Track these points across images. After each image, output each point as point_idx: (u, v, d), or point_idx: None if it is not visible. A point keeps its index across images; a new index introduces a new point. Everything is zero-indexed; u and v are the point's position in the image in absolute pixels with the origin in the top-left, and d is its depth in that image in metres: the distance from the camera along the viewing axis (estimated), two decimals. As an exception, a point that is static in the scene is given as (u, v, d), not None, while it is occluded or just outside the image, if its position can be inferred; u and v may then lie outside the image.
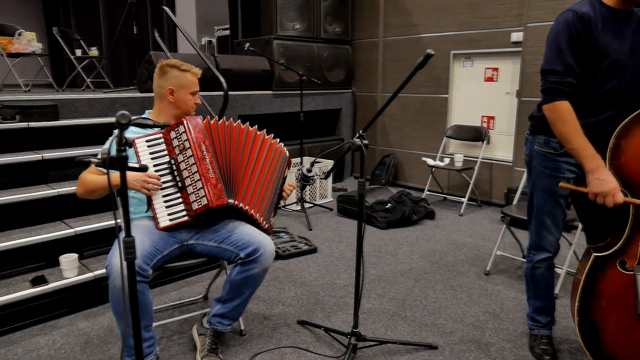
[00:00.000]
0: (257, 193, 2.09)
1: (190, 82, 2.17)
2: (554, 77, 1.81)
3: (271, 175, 2.17)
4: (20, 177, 2.98)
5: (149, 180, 1.89)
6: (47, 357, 2.18)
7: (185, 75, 2.15)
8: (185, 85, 2.14)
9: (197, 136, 1.98)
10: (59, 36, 5.65)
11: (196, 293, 2.82)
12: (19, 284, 2.48)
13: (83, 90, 5.28)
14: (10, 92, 4.49)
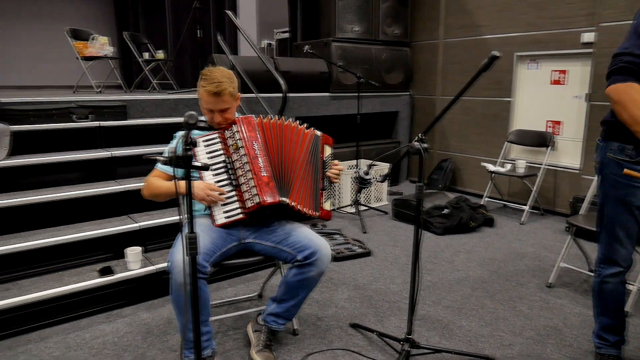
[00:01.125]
0: (302, 186, 2.09)
1: (202, 97, 2.03)
2: (629, 57, 1.69)
3: (307, 163, 2.13)
4: (92, 173, 3.17)
5: (211, 193, 1.95)
6: (112, 344, 2.30)
7: (200, 88, 2.02)
8: (201, 100, 2.06)
9: (249, 135, 2.02)
10: (129, 40, 5.95)
11: (251, 291, 2.88)
12: (88, 274, 2.63)
13: (149, 92, 5.53)
14: (84, 93, 4.78)
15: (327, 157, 2.22)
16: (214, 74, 2.00)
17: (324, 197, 2.18)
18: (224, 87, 1.98)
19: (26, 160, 2.89)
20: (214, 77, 1.98)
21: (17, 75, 7.67)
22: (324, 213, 2.17)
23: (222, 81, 1.99)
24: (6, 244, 2.52)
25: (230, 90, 2.02)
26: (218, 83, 1.97)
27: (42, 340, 2.33)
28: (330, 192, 2.27)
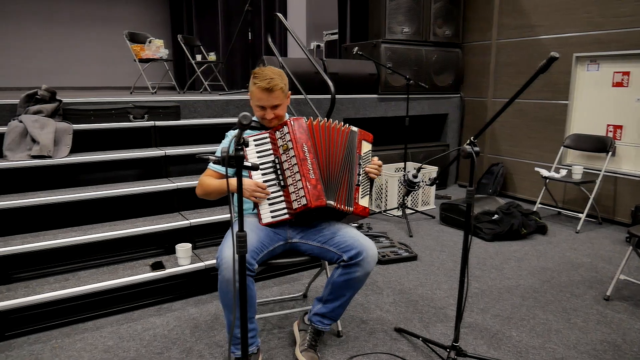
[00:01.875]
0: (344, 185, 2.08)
1: (253, 94, 2.06)
2: None
3: (344, 159, 2.11)
4: (146, 171, 3.29)
5: (258, 190, 1.98)
6: (162, 336, 2.37)
7: (252, 86, 2.06)
8: (252, 97, 2.09)
9: (300, 137, 2.03)
10: (182, 43, 6.14)
11: (296, 290, 2.90)
12: (140, 268, 2.73)
13: (201, 93, 5.69)
14: (140, 94, 4.97)
15: (365, 153, 2.18)
16: (266, 72, 2.05)
17: (359, 193, 2.12)
18: (275, 83, 2.02)
19: (86, 157, 3.04)
20: (266, 74, 2.03)
21: (79, 76, 8.09)
22: (359, 209, 2.11)
23: (273, 77, 2.03)
24: (67, 237, 2.65)
25: (281, 86, 2.06)
26: (270, 79, 2.02)
27: (97, 330, 2.44)
28: (368, 188, 2.21)
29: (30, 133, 2.95)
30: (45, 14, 7.83)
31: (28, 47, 7.72)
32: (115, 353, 2.23)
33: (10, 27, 7.56)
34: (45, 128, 2.99)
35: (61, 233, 2.73)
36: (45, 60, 7.86)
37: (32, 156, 2.91)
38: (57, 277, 2.62)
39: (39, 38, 7.81)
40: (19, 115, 3.09)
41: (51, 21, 7.90)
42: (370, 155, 2.21)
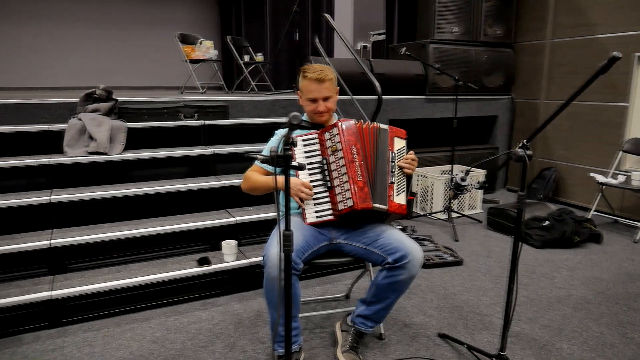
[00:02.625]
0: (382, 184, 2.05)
1: (304, 87, 2.10)
2: None
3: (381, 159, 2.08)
4: (195, 169, 3.38)
5: (303, 189, 1.99)
6: (206, 330, 2.43)
7: (302, 80, 2.11)
8: (303, 91, 2.13)
9: (349, 139, 2.03)
10: (231, 44, 6.27)
11: (338, 291, 2.90)
12: (187, 262, 2.81)
13: (248, 93, 5.78)
14: (190, 94, 5.11)
15: (398, 150, 2.12)
16: (315, 65, 2.12)
17: (393, 190, 2.06)
18: (326, 74, 2.07)
19: (139, 154, 3.16)
20: (316, 67, 2.09)
21: (133, 76, 8.40)
22: (395, 206, 2.04)
23: (323, 69, 2.08)
24: (120, 231, 2.76)
25: (331, 77, 2.10)
26: (320, 70, 2.07)
27: (145, 321, 2.53)
28: (404, 185, 2.15)
29: (88, 130, 3.09)
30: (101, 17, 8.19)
31: (86, 49, 8.10)
32: (163, 344, 2.30)
33: (70, 30, 7.96)
34: (101, 126, 3.13)
35: (114, 227, 2.84)
36: (102, 60, 8.22)
37: (89, 152, 3.05)
38: (109, 268, 2.73)
39: (97, 40, 8.17)
40: (78, 114, 3.25)
41: (107, 24, 8.26)
42: (404, 152, 2.15)
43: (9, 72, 7.61)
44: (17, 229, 2.75)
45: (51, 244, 2.59)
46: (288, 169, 1.31)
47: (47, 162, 2.92)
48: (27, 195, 2.79)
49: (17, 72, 7.66)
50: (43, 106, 3.32)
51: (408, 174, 2.12)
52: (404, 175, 2.13)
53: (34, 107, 3.29)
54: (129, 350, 2.25)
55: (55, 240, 2.60)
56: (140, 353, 2.22)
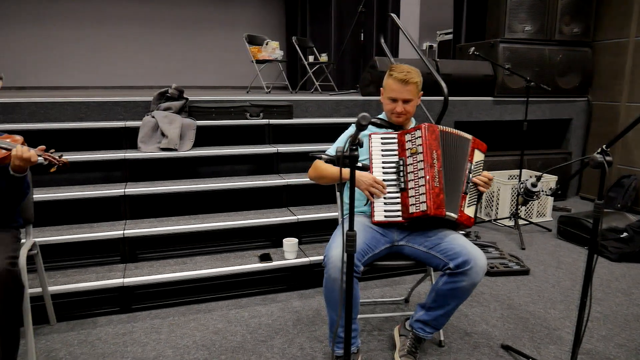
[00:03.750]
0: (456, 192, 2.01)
1: (388, 85, 2.10)
2: None
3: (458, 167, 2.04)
4: (259, 167, 3.46)
5: (375, 185, 1.97)
6: (266, 325, 2.48)
7: (387, 78, 2.11)
8: (386, 88, 2.12)
9: (431, 143, 1.99)
10: (296, 44, 6.36)
11: (398, 294, 2.86)
12: (249, 258, 2.88)
13: (312, 93, 5.84)
14: (255, 93, 5.24)
15: (476, 163, 2.09)
16: (403, 66, 2.10)
17: (465, 201, 2.03)
18: (411, 77, 2.05)
19: (207, 151, 3.28)
20: (404, 68, 2.08)
21: (203, 76, 8.74)
22: (464, 217, 2.02)
23: (410, 71, 2.07)
24: (187, 224, 2.88)
25: (416, 81, 2.08)
26: (407, 72, 2.06)
27: (208, 312, 2.62)
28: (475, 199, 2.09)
29: (160, 128, 3.24)
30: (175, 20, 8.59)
31: (160, 50, 8.52)
32: (224, 336, 2.37)
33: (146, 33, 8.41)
34: (173, 123, 3.27)
35: (182, 220, 2.97)
36: (174, 61, 8.62)
37: (161, 148, 3.20)
38: (176, 259, 2.85)
39: (170, 42, 8.58)
40: (152, 111, 3.42)
41: (180, 26, 8.64)
42: (482, 166, 2.11)
43: (93, 72, 8.16)
44: (95, 218, 2.94)
45: (124, 234, 2.74)
46: (354, 169, 1.31)
47: (122, 157, 3.10)
48: (104, 188, 2.97)
49: (98, 72, 8.20)
50: (120, 104, 3.52)
51: (481, 191, 2.09)
52: (477, 190, 2.09)
53: (112, 105, 3.50)
54: (192, 339, 2.34)
55: (128, 231, 2.75)
56: (203, 343, 2.30)
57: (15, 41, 7.75)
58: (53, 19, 7.92)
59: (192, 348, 2.26)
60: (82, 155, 3.03)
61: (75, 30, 8.05)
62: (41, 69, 7.89)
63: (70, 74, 8.07)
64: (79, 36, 8.07)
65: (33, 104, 3.35)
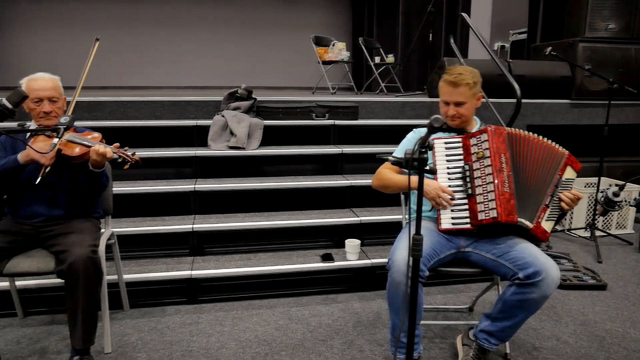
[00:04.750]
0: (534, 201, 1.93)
1: (440, 88, 2.06)
2: None
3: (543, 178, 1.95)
4: (323, 167, 3.49)
5: (441, 194, 1.93)
6: (326, 325, 2.49)
7: (441, 80, 2.07)
8: (439, 92, 2.08)
9: (498, 147, 1.92)
10: (363, 45, 6.34)
11: (461, 302, 2.77)
12: (311, 257, 2.90)
13: (377, 94, 5.80)
14: (321, 94, 5.28)
15: (566, 179, 1.99)
16: (456, 68, 2.05)
17: (544, 214, 1.93)
18: (462, 78, 1.99)
19: (273, 150, 3.34)
20: (456, 70, 2.03)
21: (270, 77, 8.95)
22: (540, 230, 1.92)
23: (462, 72, 2.01)
24: (252, 221, 2.95)
25: (468, 83, 2.00)
26: (458, 74, 2.00)
27: (270, 308, 2.67)
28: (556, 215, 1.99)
29: (229, 126, 3.35)
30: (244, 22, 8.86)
31: (230, 51, 8.82)
32: (285, 332, 2.40)
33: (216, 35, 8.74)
34: (241, 122, 3.37)
35: (247, 217, 3.04)
36: (243, 62, 8.88)
37: (229, 147, 3.30)
38: (241, 255, 2.93)
39: (239, 43, 8.86)
40: (221, 111, 3.54)
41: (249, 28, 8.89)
42: (571, 184, 2.01)
43: (167, 72, 8.58)
44: (166, 212, 3.08)
45: (193, 228, 2.86)
46: (422, 172, 1.28)
47: (193, 154, 3.23)
48: (176, 183, 3.11)
49: (173, 72, 8.61)
50: (192, 104, 3.68)
51: (564, 208, 1.98)
52: (559, 207, 1.98)
53: (185, 104, 3.66)
54: (254, 333, 2.39)
55: (197, 225, 2.86)
56: (265, 338, 2.35)
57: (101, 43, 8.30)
58: (133, 23, 8.42)
59: (253, 342, 2.31)
60: (156, 152, 3.19)
61: (153, 34, 8.51)
62: (121, 70, 8.40)
63: (147, 74, 8.53)
64: (156, 39, 8.52)
65: (113, 102, 3.57)
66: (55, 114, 2.12)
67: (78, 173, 2.12)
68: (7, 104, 1.60)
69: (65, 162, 2.06)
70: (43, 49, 8.15)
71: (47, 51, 8.13)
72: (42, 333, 2.38)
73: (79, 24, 8.23)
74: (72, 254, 1.91)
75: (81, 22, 8.24)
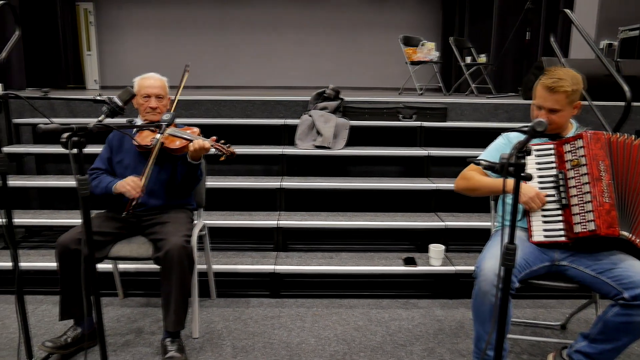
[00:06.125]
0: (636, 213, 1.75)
1: (535, 91, 1.93)
2: None
3: None
4: (408, 169, 3.43)
5: (536, 200, 1.82)
6: (406, 330, 2.45)
7: (536, 83, 1.92)
8: (534, 94, 1.94)
9: (596, 153, 1.77)
10: (453, 45, 6.14)
11: (553, 318, 2.60)
12: (393, 260, 2.86)
13: (467, 95, 5.60)
14: (407, 95, 5.20)
15: None
16: (557, 71, 1.90)
17: None
18: (560, 85, 1.85)
19: (358, 151, 3.35)
20: (555, 73, 1.88)
21: (356, 77, 8.99)
22: None
23: (562, 78, 1.86)
24: (335, 220, 2.98)
25: (567, 90, 1.85)
26: (557, 79, 1.86)
27: (350, 308, 2.67)
28: None
29: (316, 126, 3.40)
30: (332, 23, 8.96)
31: (317, 52, 8.97)
32: (364, 333, 2.40)
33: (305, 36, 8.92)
34: (328, 122, 3.41)
35: (331, 216, 3.07)
36: (331, 62, 9.00)
37: (315, 146, 3.36)
38: (323, 253, 2.97)
39: (328, 44, 8.98)
40: (309, 110, 3.61)
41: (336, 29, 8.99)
42: None
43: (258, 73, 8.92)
44: (252, 207, 3.20)
45: (278, 225, 2.94)
46: (519, 179, 1.21)
47: (281, 152, 3.32)
48: (264, 180, 3.22)
49: (263, 73, 8.94)
50: (282, 103, 3.78)
51: None
52: None
53: (275, 104, 3.78)
54: (333, 332, 2.41)
55: (282, 222, 2.94)
56: (344, 337, 2.36)
57: (198, 46, 8.83)
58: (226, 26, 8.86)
59: (333, 340, 2.33)
60: (247, 149, 3.33)
61: (244, 36, 8.89)
62: (215, 70, 8.87)
63: (239, 74, 8.93)
64: (247, 41, 8.90)
65: (208, 101, 3.77)
66: (160, 111, 2.31)
67: (177, 165, 2.27)
68: (118, 102, 1.75)
69: (166, 155, 2.22)
70: (143, 51, 8.83)
71: (147, 53, 8.81)
72: (138, 314, 2.57)
73: (176, 27, 8.82)
74: (168, 243, 2.05)
75: (178, 26, 8.82)
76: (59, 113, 3.75)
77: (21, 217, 2.97)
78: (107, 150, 2.37)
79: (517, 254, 1.78)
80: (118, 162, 2.33)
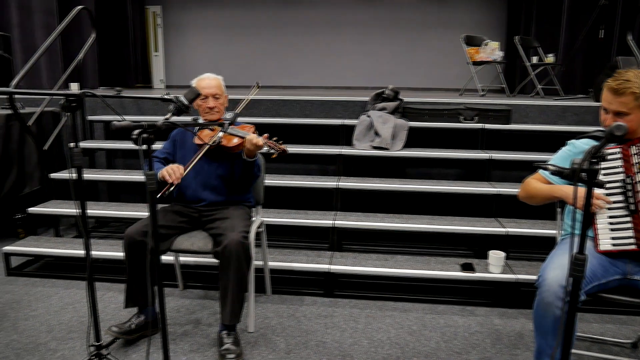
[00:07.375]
0: None
1: (602, 93, 1.81)
2: None
3: None
4: (468, 172, 3.34)
5: (596, 201, 1.72)
6: (462, 337, 2.38)
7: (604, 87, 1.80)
8: (602, 97, 1.82)
9: None
10: (519, 44, 5.91)
11: (623, 335, 2.44)
12: (450, 265, 2.79)
13: (532, 97, 5.37)
14: (469, 96, 5.05)
15: None
16: (627, 73, 1.76)
17: None
18: (627, 86, 1.71)
19: (417, 152, 3.29)
20: (623, 74, 1.75)
21: (416, 78, 8.84)
22: None
23: (629, 79, 1.72)
24: (391, 222, 2.95)
25: (634, 92, 1.71)
26: (623, 80, 1.73)
27: (404, 312, 2.63)
28: None
29: (375, 127, 3.38)
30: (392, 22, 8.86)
31: (376, 52, 8.90)
32: (418, 338, 2.36)
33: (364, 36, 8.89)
34: (386, 123, 3.38)
35: (387, 218, 3.04)
36: (390, 63, 8.91)
37: (373, 147, 3.33)
38: (378, 255, 2.94)
39: (387, 43, 8.89)
40: (367, 111, 3.59)
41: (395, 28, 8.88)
42: None
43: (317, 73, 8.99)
44: (309, 206, 3.23)
45: (334, 224, 2.95)
46: (591, 186, 1.15)
47: (338, 152, 3.32)
48: (320, 179, 3.24)
49: (322, 73, 8.99)
50: (340, 103, 3.79)
51: None
52: None
53: (333, 104, 3.79)
54: (387, 335, 2.39)
55: (337, 222, 2.95)
56: (397, 341, 2.33)
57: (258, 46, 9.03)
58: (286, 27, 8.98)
59: (386, 343, 2.31)
60: (304, 149, 3.36)
61: (304, 36, 8.98)
62: (276, 70, 9.02)
63: (298, 74, 9.04)
64: (307, 41, 8.97)
65: (268, 100, 3.84)
66: (218, 110, 2.38)
67: (234, 163, 2.33)
68: (184, 101, 1.82)
69: (224, 153, 2.29)
70: (207, 51, 9.12)
71: (210, 53, 9.09)
72: (197, 305, 2.66)
73: (238, 28, 9.05)
74: (227, 238, 2.11)
75: (240, 27, 9.04)
76: (128, 111, 3.95)
77: (92, 208, 3.16)
78: (171, 144, 2.47)
79: (586, 264, 1.70)
80: (180, 158, 2.43)
